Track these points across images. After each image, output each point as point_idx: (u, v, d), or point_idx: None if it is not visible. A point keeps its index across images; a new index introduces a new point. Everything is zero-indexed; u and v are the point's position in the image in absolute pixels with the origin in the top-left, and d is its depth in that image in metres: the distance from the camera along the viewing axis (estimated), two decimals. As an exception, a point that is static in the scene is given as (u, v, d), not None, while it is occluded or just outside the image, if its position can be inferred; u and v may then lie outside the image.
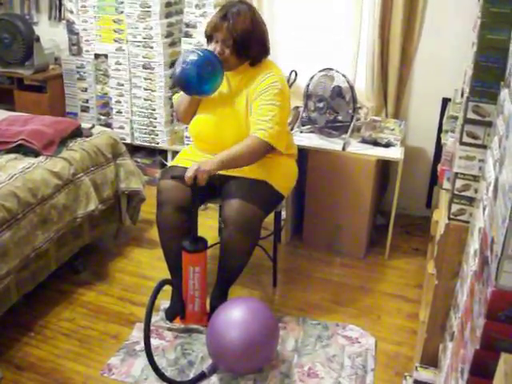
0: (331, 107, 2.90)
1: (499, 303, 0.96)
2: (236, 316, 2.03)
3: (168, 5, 3.40)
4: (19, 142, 2.46)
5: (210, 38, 2.26)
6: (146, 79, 3.51)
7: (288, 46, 3.34)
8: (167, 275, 2.34)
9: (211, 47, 2.24)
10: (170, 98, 3.45)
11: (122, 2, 3.41)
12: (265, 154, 2.23)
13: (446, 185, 1.95)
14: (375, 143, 2.86)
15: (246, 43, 2.20)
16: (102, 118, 3.77)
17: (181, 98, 2.42)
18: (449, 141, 2.08)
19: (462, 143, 1.60)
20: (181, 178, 2.13)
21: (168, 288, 2.26)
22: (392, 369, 2.17)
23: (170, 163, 2.71)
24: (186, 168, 2.21)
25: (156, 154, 3.76)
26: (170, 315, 2.34)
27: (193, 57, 2.18)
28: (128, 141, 3.66)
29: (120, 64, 3.55)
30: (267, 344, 2.07)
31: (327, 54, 3.21)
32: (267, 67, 2.29)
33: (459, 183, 1.65)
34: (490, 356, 0.97)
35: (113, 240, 3.00)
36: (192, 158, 2.34)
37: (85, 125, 2.85)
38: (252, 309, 2.08)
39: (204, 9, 3.23)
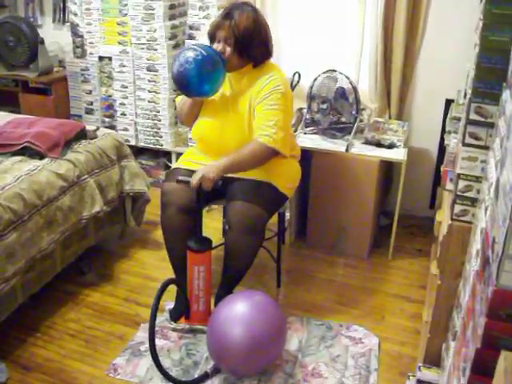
0: (334, 109, 2.90)
1: (500, 302, 0.97)
2: (239, 311, 1.87)
3: (172, 7, 3.41)
4: (25, 145, 2.48)
5: (212, 37, 2.26)
6: (150, 81, 3.53)
7: (291, 47, 3.34)
8: (172, 276, 2.35)
9: (213, 47, 2.23)
10: (174, 100, 3.46)
11: (125, 5, 3.43)
12: (269, 159, 2.24)
13: (449, 186, 1.95)
14: (378, 144, 2.87)
15: (248, 43, 2.19)
16: (107, 120, 3.79)
17: (183, 99, 2.41)
18: (452, 142, 2.08)
19: (464, 144, 1.61)
20: (186, 183, 2.14)
21: (172, 289, 2.28)
22: (395, 369, 2.18)
23: (174, 165, 2.71)
24: (190, 170, 2.22)
25: (160, 155, 3.78)
26: (175, 315, 2.35)
27: (192, 53, 2.11)
28: (132, 143, 3.68)
29: (124, 66, 3.57)
30: (274, 343, 1.93)
31: (330, 55, 3.21)
32: (269, 69, 2.28)
33: (462, 184, 1.66)
34: (491, 354, 0.98)
35: (118, 241, 3.01)
36: (196, 160, 2.36)
37: (89, 127, 2.86)
38: (257, 303, 1.92)
39: (208, 11, 3.25)
